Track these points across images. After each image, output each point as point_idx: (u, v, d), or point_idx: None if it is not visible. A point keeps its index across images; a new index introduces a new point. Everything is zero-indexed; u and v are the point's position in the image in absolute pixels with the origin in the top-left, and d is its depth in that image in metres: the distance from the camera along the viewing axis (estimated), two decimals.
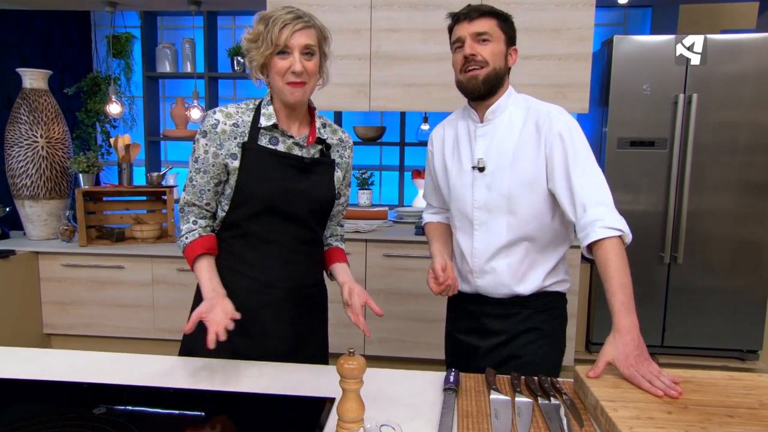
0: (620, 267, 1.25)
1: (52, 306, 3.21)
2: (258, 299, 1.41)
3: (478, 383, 1.28)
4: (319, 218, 1.47)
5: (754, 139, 2.83)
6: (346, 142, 1.53)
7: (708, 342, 2.91)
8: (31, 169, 3.20)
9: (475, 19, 1.42)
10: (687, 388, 1.14)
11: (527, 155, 1.44)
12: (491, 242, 1.50)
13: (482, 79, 1.41)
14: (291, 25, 1.28)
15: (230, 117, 1.38)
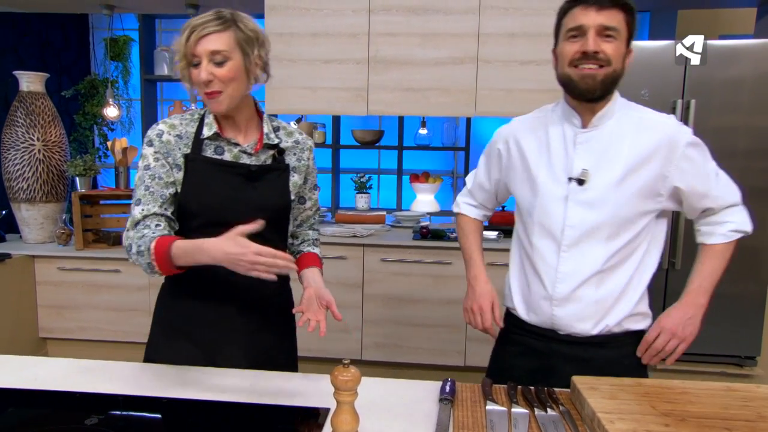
0: (723, 265, 1.34)
1: (48, 310, 3.19)
2: (213, 312, 1.38)
3: (475, 393, 1.27)
4: (274, 227, 1.37)
5: (752, 144, 2.83)
6: (303, 143, 1.45)
7: (706, 348, 2.90)
8: (27, 172, 3.19)
9: (605, 8, 1.21)
10: (684, 400, 1.13)
11: (645, 169, 1.28)
12: (582, 267, 1.31)
13: (600, 79, 1.23)
14: (197, 32, 1.22)
15: (174, 128, 1.33)
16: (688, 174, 1.29)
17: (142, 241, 1.23)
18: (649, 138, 1.28)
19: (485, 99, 3.03)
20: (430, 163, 4.14)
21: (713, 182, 1.32)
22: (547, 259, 1.35)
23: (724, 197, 1.34)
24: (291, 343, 1.55)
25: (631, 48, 1.28)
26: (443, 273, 2.99)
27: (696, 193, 1.31)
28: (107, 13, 3.53)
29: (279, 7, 3.07)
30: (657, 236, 1.36)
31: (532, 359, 1.41)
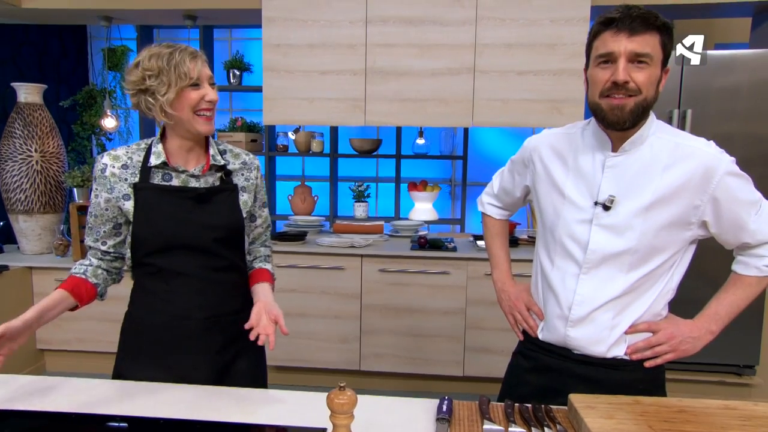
0: (748, 297, 1.30)
1: None
2: (175, 333, 1.39)
3: (472, 412, 1.26)
4: (229, 245, 1.43)
5: (749, 151, 2.83)
6: (250, 163, 1.50)
7: (705, 357, 2.90)
8: (25, 183, 3.19)
9: (637, 34, 1.15)
10: (682, 419, 1.13)
11: (676, 199, 1.23)
12: (601, 292, 1.28)
13: (630, 109, 1.18)
14: (197, 59, 1.33)
15: (118, 159, 1.37)
16: (723, 205, 1.23)
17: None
18: (685, 166, 1.22)
19: (482, 109, 3.03)
20: (428, 171, 4.15)
21: (752, 215, 1.25)
22: (566, 280, 1.32)
23: (764, 231, 1.25)
24: (258, 359, 1.55)
25: (668, 68, 1.24)
26: (441, 283, 2.99)
27: (731, 225, 1.26)
28: (105, 24, 3.54)
29: (276, 18, 3.08)
30: (683, 264, 1.32)
31: (544, 376, 1.39)
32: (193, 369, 1.39)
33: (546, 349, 1.39)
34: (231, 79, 3.78)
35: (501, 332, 2.97)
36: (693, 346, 1.29)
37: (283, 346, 3.06)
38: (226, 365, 1.44)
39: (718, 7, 3.04)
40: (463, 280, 2.97)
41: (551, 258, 1.36)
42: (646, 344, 1.29)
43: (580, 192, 1.30)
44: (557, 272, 1.34)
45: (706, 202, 1.23)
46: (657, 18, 1.16)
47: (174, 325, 1.39)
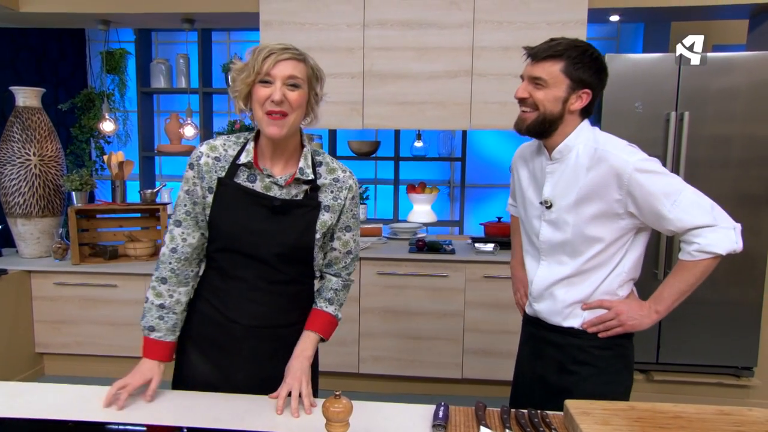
0: (688, 280, 1.40)
1: (45, 325, 3.18)
2: (221, 331, 1.41)
3: (468, 418, 1.27)
4: (290, 262, 1.38)
5: (747, 152, 2.83)
6: (343, 181, 1.41)
7: (703, 359, 2.90)
8: (23, 187, 3.19)
9: (538, 62, 1.39)
10: (677, 425, 1.14)
11: (596, 196, 1.41)
12: (553, 273, 1.51)
13: (528, 123, 1.43)
14: (276, 55, 1.26)
15: (214, 149, 1.36)
16: (639, 198, 1.38)
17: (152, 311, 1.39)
18: (600, 168, 1.40)
19: (480, 112, 3.04)
20: (426, 173, 4.15)
21: (668, 205, 1.36)
22: (532, 263, 1.59)
23: (684, 220, 1.36)
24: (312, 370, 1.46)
25: (586, 90, 1.41)
26: (440, 286, 2.99)
27: (652, 216, 1.39)
28: (103, 28, 3.54)
29: (274, 22, 3.08)
30: (634, 249, 1.48)
31: (530, 344, 1.63)
32: (237, 371, 1.40)
33: (529, 322, 1.66)
34: (229, 82, 3.77)
35: (499, 335, 2.97)
36: (639, 323, 1.45)
37: None
38: (272, 374, 1.40)
39: (715, 9, 3.04)
40: (461, 283, 2.98)
41: (525, 247, 1.64)
42: (598, 319, 1.48)
43: (534, 193, 1.56)
44: (528, 258, 1.62)
45: (625, 196, 1.39)
46: (564, 49, 1.37)
47: (222, 324, 1.40)
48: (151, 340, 1.38)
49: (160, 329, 1.38)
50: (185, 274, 1.40)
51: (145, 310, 1.40)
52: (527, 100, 1.42)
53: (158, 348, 1.38)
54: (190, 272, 1.41)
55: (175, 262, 1.38)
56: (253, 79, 1.27)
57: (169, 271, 1.38)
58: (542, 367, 1.56)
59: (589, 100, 1.42)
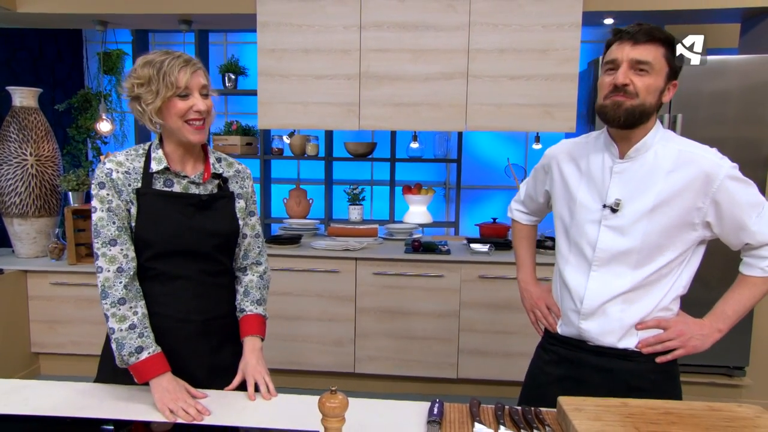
0: (754, 297, 1.36)
1: (41, 324, 3.18)
2: (174, 335, 1.39)
3: (462, 414, 1.28)
4: (225, 250, 1.46)
5: (739, 155, 2.84)
6: (243, 172, 1.52)
7: (696, 359, 2.92)
8: (20, 187, 3.19)
9: (640, 43, 1.26)
10: (667, 421, 1.15)
11: (678, 201, 1.31)
12: (610, 286, 1.37)
13: (625, 109, 1.27)
14: (188, 68, 1.31)
15: (121, 165, 1.36)
16: (724, 207, 1.30)
17: (127, 336, 1.31)
18: (686, 171, 1.30)
19: (476, 113, 3.05)
20: (422, 174, 4.17)
21: (754, 217, 1.30)
22: (579, 276, 1.42)
23: (765, 233, 1.31)
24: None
25: (675, 82, 1.32)
26: (435, 286, 3.00)
27: (732, 227, 1.32)
28: (100, 29, 3.54)
29: (271, 23, 3.09)
30: (692, 262, 1.39)
31: (562, 367, 1.47)
32: (191, 369, 1.40)
33: (564, 342, 1.48)
34: (226, 83, 3.79)
35: (494, 335, 2.99)
36: (702, 343, 1.35)
37: (277, 349, 3.07)
38: (221, 366, 1.45)
39: (707, 13, 3.07)
40: (456, 283, 2.99)
41: (566, 257, 1.46)
42: (657, 339, 1.37)
43: (591, 195, 1.40)
44: (571, 269, 1.44)
45: (708, 204, 1.30)
46: (661, 32, 1.27)
47: (172, 327, 1.39)
48: (149, 359, 1.31)
49: (148, 344, 1.32)
50: (136, 288, 1.36)
51: (119, 343, 1.30)
52: (627, 88, 1.26)
53: (157, 362, 1.32)
54: (139, 286, 1.37)
55: (125, 279, 1.33)
56: (173, 92, 1.30)
57: (123, 289, 1.32)
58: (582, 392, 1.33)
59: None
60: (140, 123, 1.38)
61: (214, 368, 1.45)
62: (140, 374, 1.30)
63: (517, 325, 2.93)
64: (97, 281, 1.33)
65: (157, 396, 1.28)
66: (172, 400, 1.27)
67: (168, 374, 1.32)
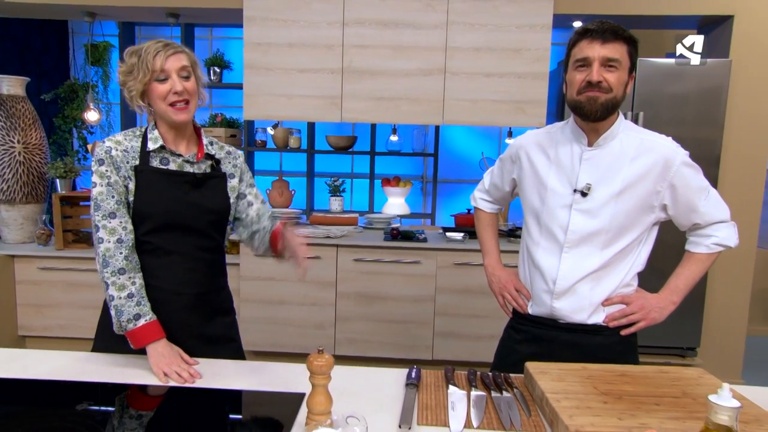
0: (700, 271, 1.47)
1: (28, 308, 3.16)
2: (168, 307, 1.43)
3: (438, 379, 1.35)
4: (218, 227, 1.50)
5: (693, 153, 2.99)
6: (234, 153, 1.57)
7: (653, 341, 3.05)
8: (7, 173, 3.16)
9: (609, 42, 1.31)
10: (622, 381, 1.23)
11: (641, 185, 1.39)
12: (580, 267, 1.43)
13: (602, 103, 1.33)
14: (163, 52, 1.35)
15: (120, 144, 1.40)
16: (679, 190, 1.40)
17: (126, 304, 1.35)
18: (648, 158, 1.38)
19: (452, 108, 3.13)
20: (401, 168, 4.23)
21: (702, 200, 1.41)
22: (550, 258, 1.47)
23: (711, 214, 1.43)
24: (235, 331, 1.62)
25: (634, 74, 1.39)
26: (412, 272, 3.07)
27: (685, 208, 1.42)
28: (88, 20, 3.51)
29: (257, 18, 3.12)
30: (648, 242, 1.48)
31: (534, 346, 1.52)
32: (184, 339, 1.43)
33: (535, 322, 1.53)
34: (212, 77, 3.79)
35: (467, 318, 3.07)
36: (660, 315, 1.47)
37: (261, 332, 3.10)
38: (213, 336, 1.51)
39: (666, 19, 3.19)
40: (432, 270, 3.06)
41: (537, 241, 1.50)
42: (621, 313, 1.46)
43: (561, 181, 1.45)
44: (542, 252, 1.49)
45: (666, 188, 1.40)
46: (625, 30, 1.34)
47: (166, 299, 1.43)
48: (145, 325, 1.35)
49: (145, 312, 1.36)
50: (135, 260, 1.40)
51: (117, 310, 1.35)
52: (602, 84, 1.32)
53: (153, 328, 1.36)
54: (137, 258, 1.41)
55: (125, 250, 1.37)
56: (149, 77, 1.35)
57: (124, 260, 1.37)
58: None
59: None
60: (124, 104, 1.41)
61: (205, 338, 1.49)
62: (137, 340, 1.34)
63: (488, 309, 3.02)
64: (97, 252, 1.37)
65: (153, 360, 1.32)
66: (167, 364, 1.31)
67: (163, 340, 1.36)
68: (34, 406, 1.18)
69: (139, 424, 1.13)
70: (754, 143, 3.06)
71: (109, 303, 1.36)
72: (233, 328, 1.60)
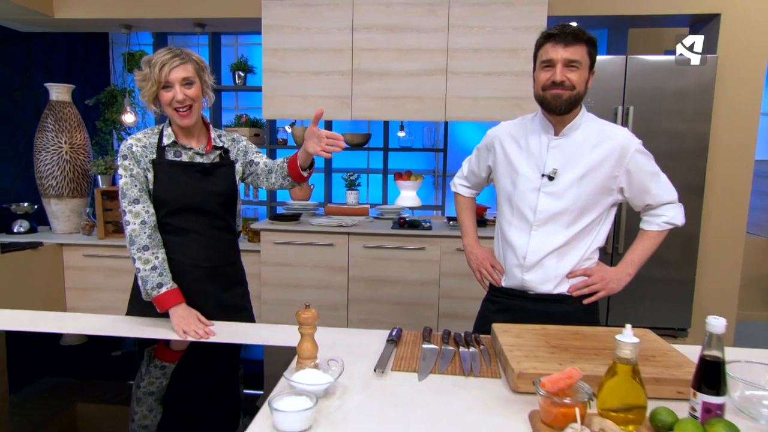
0: (652, 247, 1.61)
1: (75, 291, 3.44)
2: (187, 278, 1.62)
3: (417, 338, 1.51)
4: (227, 208, 1.68)
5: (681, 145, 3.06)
6: (238, 139, 1.73)
7: (645, 322, 3.14)
8: (56, 171, 3.44)
9: (570, 45, 1.44)
10: (573, 338, 1.37)
11: (600, 170, 1.51)
12: (547, 243, 1.56)
13: (565, 99, 1.47)
14: (168, 64, 1.51)
15: (140, 141, 1.60)
16: (634, 174, 1.53)
17: (150, 275, 1.55)
18: (607, 146, 1.51)
19: (454, 106, 3.27)
20: (414, 163, 4.39)
21: (654, 183, 1.55)
22: (521, 235, 1.61)
23: (662, 195, 1.57)
24: (247, 300, 1.81)
25: (594, 71, 1.52)
26: (418, 258, 3.23)
27: (638, 190, 1.55)
28: (125, 32, 3.78)
29: (274, 26, 3.32)
30: (608, 221, 1.62)
31: (507, 315, 1.65)
32: (201, 305, 1.62)
33: (508, 293, 1.67)
34: (236, 80, 4.02)
35: (469, 300, 3.21)
36: (617, 285, 1.59)
37: (279, 314, 3.31)
38: (227, 304, 1.70)
39: (658, 18, 3.26)
40: (437, 255, 3.21)
41: (509, 220, 1.64)
42: (584, 284, 1.59)
43: (530, 167, 1.58)
44: (514, 230, 1.62)
45: (622, 173, 1.53)
46: (584, 33, 1.47)
47: (185, 270, 1.63)
48: (167, 292, 1.55)
49: (166, 281, 1.56)
50: (158, 238, 1.59)
51: (143, 280, 1.55)
52: (565, 83, 1.45)
53: (174, 294, 1.56)
54: (160, 237, 1.61)
55: (148, 230, 1.57)
56: (157, 87, 1.53)
57: (147, 238, 1.56)
58: None
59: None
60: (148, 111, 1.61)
61: (220, 305, 1.68)
62: (161, 304, 1.55)
63: None
64: (125, 232, 1.58)
65: (175, 321, 1.52)
66: (186, 324, 1.51)
67: (183, 304, 1.56)
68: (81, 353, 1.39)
69: (162, 374, 1.32)
70: (742, 135, 3.11)
71: (137, 274, 1.57)
72: (245, 297, 1.79)
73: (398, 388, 1.19)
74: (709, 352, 0.99)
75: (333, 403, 1.11)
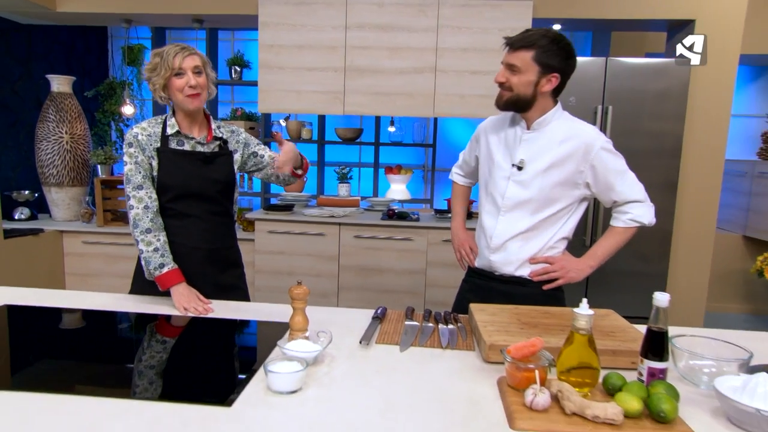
0: (617, 242, 1.66)
1: (74, 277, 3.51)
2: (187, 259, 1.71)
3: (401, 316, 1.61)
4: (226, 195, 1.76)
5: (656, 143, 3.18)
6: (237, 131, 1.82)
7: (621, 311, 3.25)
8: (57, 160, 3.50)
9: (513, 51, 1.55)
10: (543, 317, 1.48)
11: (565, 164, 1.59)
12: (512, 227, 1.65)
13: (504, 100, 1.59)
14: (181, 54, 1.62)
15: (144, 130, 1.68)
16: (599, 171, 1.59)
17: (153, 256, 1.64)
18: (573, 142, 1.58)
19: (442, 102, 3.37)
20: (404, 157, 4.48)
21: (619, 180, 1.60)
22: (491, 219, 1.71)
23: (627, 193, 1.62)
24: (243, 281, 1.89)
25: (555, 74, 1.55)
26: (406, 248, 3.33)
27: (604, 186, 1.61)
28: (125, 26, 3.84)
29: (270, 23, 3.40)
30: (576, 213, 1.69)
31: (478, 295, 1.74)
32: (200, 286, 1.71)
33: (478, 274, 1.78)
34: (232, 75, 4.09)
35: (454, 289, 3.25)
36: (578, 275, 1.66)
37: (272, 300, 3.40)
38: (225, 285, 1.79)
39: (638, 23, 3.37)
40: (424, 246, 3.32)
41: (483, 205, 1.75)
42: (543, 270, 1.67)
43: (504, 157, 1.68)
44: (486, 214, 1.73)
45: (587, 168, 1.60)
46: (533, 39, 1.53)
47: (185, 252, 1.72)
48: (168, 272, 1.63)
49: (168, 262, 1.64)
50: (160, 222, 1.68)
51: (146, 260, 1.64)
52: (504, 84, 1.57)
53: (175, 274, 1.65)
54: (161, 221, 1.69)
55: (151, 214, 1.66)
56: (170, 74, 1.63)
57: (150, 222, 1.65)
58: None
59: (558, 83, 1.57)
60: (154, 99, 1.69)
61: (218, 285, 1.77)
62: (163, 283, 1.64)
63: None
64: (129, 216, 1.66)
65: (175, 298, 1.61)
66: (186, 301, 1.60)
67: (183, 283, 1.65)
68: (87, 329, 1.49)
69: (163, 348, 1.41)
70: (713, 135, 3.24)
71: (141, 255, 1.66)
72: (241, 279, 1.89)
73: (381, 358, 1.30)
74: (655, 324, 1.10)
75: (321, 369, 1.21)
